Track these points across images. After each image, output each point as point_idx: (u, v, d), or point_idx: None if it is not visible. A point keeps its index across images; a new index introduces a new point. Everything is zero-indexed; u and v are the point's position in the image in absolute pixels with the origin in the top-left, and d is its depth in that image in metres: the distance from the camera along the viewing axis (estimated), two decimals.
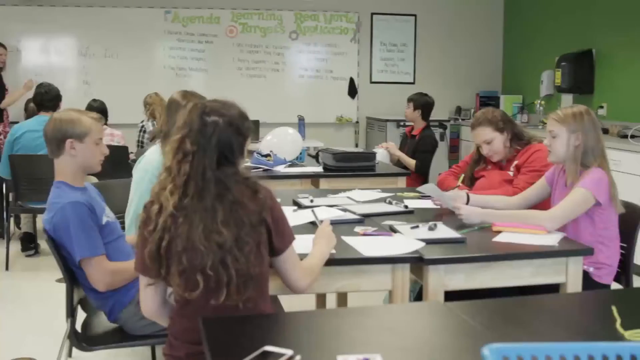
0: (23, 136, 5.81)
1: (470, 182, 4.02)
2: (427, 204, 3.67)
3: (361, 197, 3.81)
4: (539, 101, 8.05)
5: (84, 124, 2.86)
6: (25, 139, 5.80)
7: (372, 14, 9.14)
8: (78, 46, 8.57)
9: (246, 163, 2.32)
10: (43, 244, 6.18)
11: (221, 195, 2.12)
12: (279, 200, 2.30)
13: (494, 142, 3.83)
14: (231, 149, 2.17)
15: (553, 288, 2.87)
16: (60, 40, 8.57)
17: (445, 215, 3.37)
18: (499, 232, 3.01)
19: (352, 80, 9.12)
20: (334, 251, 2.61)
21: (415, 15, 9.23)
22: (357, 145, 9.10)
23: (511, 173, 3.84)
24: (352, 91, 9.13)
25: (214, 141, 2.14)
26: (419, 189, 3.95)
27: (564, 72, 7.25)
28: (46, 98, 5.98)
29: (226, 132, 2.16)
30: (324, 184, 4.89)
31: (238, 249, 2.10)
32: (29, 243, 6.14)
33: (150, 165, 3.46)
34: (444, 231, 2.97)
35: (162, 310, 2.33)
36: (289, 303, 2.37)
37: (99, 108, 6.46)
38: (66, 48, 8.58)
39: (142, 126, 6.71)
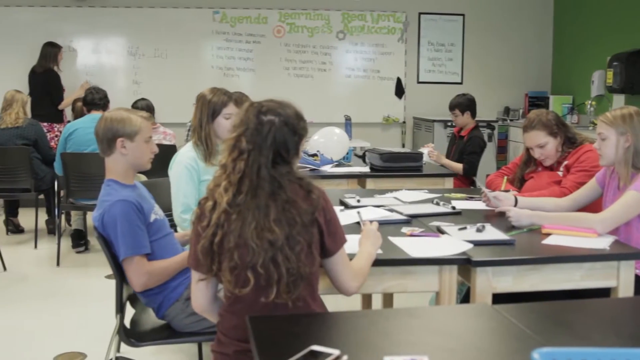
0: (75, 133, 5.94)
1: (520, 183, 3.96)
2: (475, 205, 3.63)
3: (408, 197, 3.79)
4: (589, 102, 7.91)
5: (134, 123, 2.90)
6: (77, 136, 5.93)
7: (420, 13, 9.08)
8: (128, 46, 8.70)
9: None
10: (93, 241, 6.31)
11: (275, 193, 2.13)
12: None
13: (547, 147, 3.76)
14: (286, 148, 2.18)
15: (603, 292, 2.81)
16: (110, 40, 8.70)
17: (493, 217, 3.33)
18: (549, 234, 2.97)
19: (399, 80, 9.08)
20: (380, 251, 2.60)
21: (463, 15, 9.15)
22: (403, 146, 9.06)
23: (560, 173, 3.77)
24: (399, 91, 9.09)
25: (270, 140, 2.15)
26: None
27: (616, 72, 7.10)
28: (97, 97, 6.15)
29: (282, 131, 2.17)
30: (370, 184, 4.88)
31: (289, 248, 2.11)
32: (79, 240, 6.26)
33: (184, 158, 3.51)
34: (492, 233, 2.94)
35: (213, 306, 2.35)
36: (335, 303, 2.37)
37: (145, 107, 6.57)
38: (116, 48, 8.72)
39: (191, 125, 6.77)
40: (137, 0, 8.61)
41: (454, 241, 2.81)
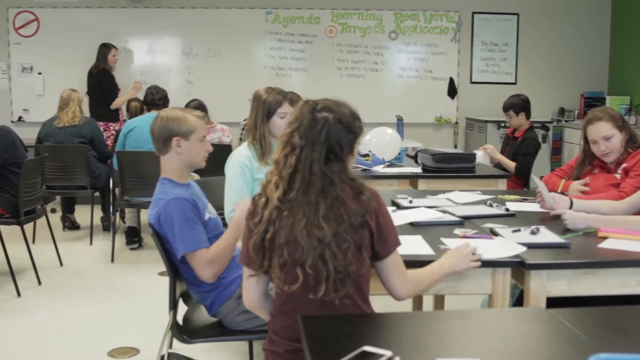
0: (134, 131, 6.06)
1: None
2: (529, 207, 3.58)
3: (461, 198, 3.76)
4: None
5: (189, 122, 2.94)
6: (135, 133, 6.05)
7: (473, 13, 9.01)
8: (182, 46, 8.82)
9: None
10: (146, 238, 6.40)
11: (325, 190, 2.13)
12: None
13: (613, 139, 3.68)
14: (340, 145, 2.18)
15: None
16: (165, 40, 8.84)
17: (548, 219, 3.28)
18: (605, 238, 2.91)
19: (451, 80, 9.01)
20: (432, 252, 2.57)
21: (517, 14, 9.03)
22: (456, 147, 8.99)
23: (618, 176, 3.69)
24: (452, 91, 9.02)
25: (323, 136, 2.15)
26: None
27: None
28: (157, 97, 6.26)
29: (335, 128, 2.17)
30: (422, 184, 4.85)
31: (336, 245, 2.10)
32: (133, 237, 6.36)
33: (239, 157, 3.54)
34: (546, 236, 2.90)
35: (264, 303, 2.36)
36: (385, 304, 2.36)
37: (198, 107, 6.64)
38: (171, 48, 8.85)
39: (245, 124, 6.82)
40: (192, 1, 8.72)
41: (507, 243, 2.77)
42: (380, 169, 4.99)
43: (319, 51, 8.85)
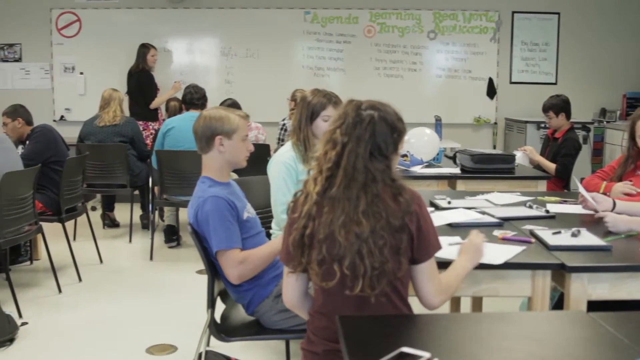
0: (172, 130, 6.10)
1: None
2: (569, 209, 3.53)
3: (500, 200, 3.72)
4: None
5: (232, 122, 2.97)
6: (174, 133, 6.09)
7: (513, 12, 8.91)
8: (221, 46, 8.88)
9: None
10: (184, 236, 6.46)
11: (367, 185, 2.13)
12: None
13: None
14: (385, 142, 2.17)
15: None
16: (204, 40, 8.91)
17: (589, 222, 3.23)
18: None
19: (491, 81, 8.93)
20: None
21: (558, 14, 8.92)
22: (495, 147, 8.91)
23: None
24: (491, 91, 8.94)
25: (368, 133, 2.15)
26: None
27: None
28: (195, 97, 6.29)
29: (381, 126, 2.17)
30: (461, 185, 4.82)
31: (373, 242, 2.10)
32: (171, 235, 6.42)
33: (283, 158, 3.54)
34: (587, 238, 2.85)
35: (303, 302, 2.37)
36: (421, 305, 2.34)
37: (231, 105, 6.69)
38: (210, 48, 8.91)
39: (284, 124, 6.85)
40: (231, 1, 8.77)
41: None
42: (418, 170, 4.97)
43: (357, 51, 8.83)
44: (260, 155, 5.62)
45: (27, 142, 5.52)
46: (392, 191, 2.16)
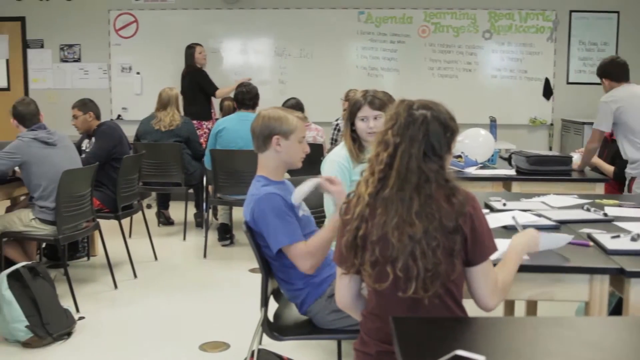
0: (224, 131, 6.14)
1: None
2: (629, 212, 3.44)
3: (556, 202, 3.65)
4: None
5: (290, 122, 2.99)
6: (225, 134, 6.13)
7: (571, 11, 8.77)
8: (275, 46, 8.94)
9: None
10: (237, 235, 6.51)
11: (420, 186, 2.11)
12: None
13: None
14: (438, 142, 2.15)
15: None
16: (258, 41, 8.98)
17: None
18: None
19: (547, 81, 8.80)
20: (527, 257, 2.51)
21: (617, 12, 8.73)
22: (551, 149, 8.77)
23: None
24: (547, 92, 8.81)
25: (422, 133, 2.14)
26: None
27: None
28: (247, 97, 6.29)
29: (434, 125, 2.15)
30: (516, 187, 4.75)
31: (426, 243, 2.08)
32: (225, 234, 6.47)
33: (337, 157, 3.54)
34: None
35: (356, 303, 2.36)
36: (475, 307, 2.31)
37: (294, 104, 6.71)
38: (264, 48, 8.98)
39: (337, 124, 6.85)
40: (285, 2, 8.81)
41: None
42: (472, 171, 4.91)
43: (411, 51, 8.79)
44: (313, 155, 5.60)
45: (94, 136, 5.64)
46: (446, 192, 2.14)
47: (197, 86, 7.99)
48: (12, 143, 4.65)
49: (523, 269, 2.44)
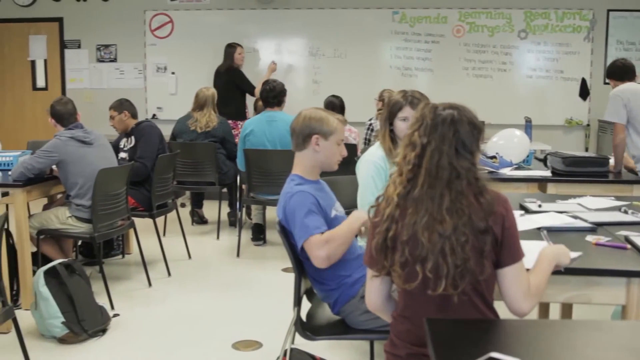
0: (251, 134, 6.15)
1: None
2: None
3: (593, 204, 3.61)
4: None
5: (331, 124, 3.02)
6: (253, 136, 6.14)
7: (609, 10, 8.63)
8: (309, 46, 8.94)
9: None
10: (270, 234, 6.53)
11: (451, 182, 2.12)
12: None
13: None
14: (469, 139, 2.16)
15: None
16: (292, 41, 8.99)
17: None
18: None
19: (584, 81, 8.68)
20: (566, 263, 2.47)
21: None
22: (587, 150, 8.65)
23: None
24: (584, 92, 8.69)
25: (452, 131, 2.15)
26: None
27: None
28: (270, 95, 6.25)
29: (462, 123, 2.16)
30: (551, 188, 4.70)
31: (455, 239, 2.08)
32: (259, 234, 6.50)
33: (373, 157, 3.53)
34: None
35: (387, 304, 2.37)
36: (508, 312, 2.29)
37: (339, 105, 6.73)
38: (297, 48, 8.99)
39: (371, 124, 6.84)
40: (319, 2, 8.82)
41: None
42: (507, 172, 4.87)
43: (445, 51, 8.74)
44: (347, 156, 5.61)
45: (132, 136, 5.70)
46: (475, 190, 2.14)
47: (233, 85, 8.04)
48: (50, 142, 4.72)
49: (559, 271, 2.42)
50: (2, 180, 4.63)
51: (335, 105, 6.77)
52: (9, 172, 4.74)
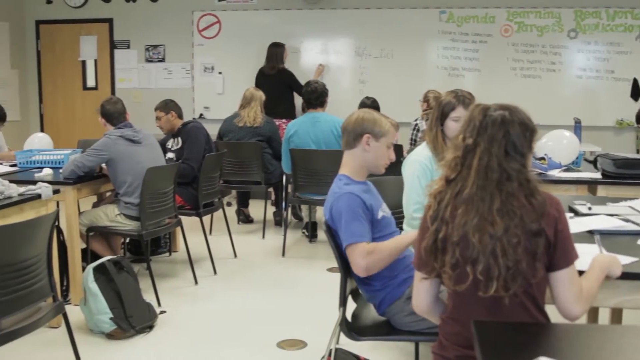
0: (294, 136, 6.16)
1: None
2: None
3: None
4: None
5: (383, 126, 3.03)
6: (297, 137, 6.15)
7: None
8: (355, 46, 8.94)
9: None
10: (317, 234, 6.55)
11: (501, 184, 2.10)
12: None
13: None
14: (519, 141, 2.13)
15: None
16: (338, 40, 8.99)
17: None
18: None
19: (635, 81, 8.50)
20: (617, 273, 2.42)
21: None
22: (638, 152, 8.48)
23: None
24: (636, 93, 8.51)
25: (502, 132, 2.13)
26: None
27: None
28: (313, 97, 6.26)
29: (514, 124, 2.13)
30: (601, 191, 4.61)
31: (507, 241, 2.06)
32: (313, 230, 6.52)
33: (419, 157, 3.51)
34: None
35: (434, 307, 2.35)
36: (556, 313, 2.25)
37: (371, 106, 6.70)
38: (344, 48, 8.99)
39: (416, 124, 6.81)
40: (365, 2, 8.80)
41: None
42: (556, 174, 4.80)
43: (493, 51, 8.65)
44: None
45: (179, 137, 5.76)
46: (526, 192, 2.12)
47: (284, 85, 8.11)
48: (100, 140, 4.80)
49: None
50: (54, 177, 4.72)
51: (367, 106, 6.73)
52: (60, 170, 4.83)
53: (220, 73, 9.24)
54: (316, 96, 6.27)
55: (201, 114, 9.24)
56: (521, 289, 2.09)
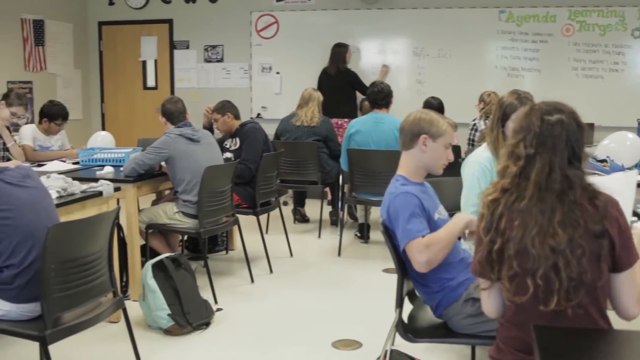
0: (356, 134, 6.15)
1: None
2: None
3: None
4: None
5: (441, 126, 3.00)
6: (359, 136, 6.15)
7: None
8: (413, 46, 8.89)
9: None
10: (372, 235, 6.52)
11: (563, 193, 2.06)
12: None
13: None
14: (577, 144, 2.10)
15: None
16: (396, 40, 8.96)
17: None
18: None
19: None
20: None
21: None
22: None
23: None
24: None
25: (564, 141, 2.08)
26: None
27: None
28: (379, 97, 6.25)
29: (572, 127, 2.09)
30: None
31: (570, 252, 2.01)
32: (363, 231, 6.51)
33: (479, 158, 3.47)
34: None
35: (502, 311, 2.31)
36: (614, 319, 2.19)
37: (437, 106, 6.67)
38: (402, 48, 8.95)
39: (474, 125, 6.74)
40: (423, 1, 8.75)
41: None
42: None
43: (554, 51, 8.49)
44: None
45: (237, 137, 5.81)
46: (589, 195, 2.07)
47: (348, 86, 8.14)
48: (160, 139, 4.87)
49: None
50: (115, 175, 4.81)
51: (433, 106, 6.68)
52: (121, 168, 4.92)
53: (277, 73, 9.30)
54: (382, 96, 6.26)
55: (259, 114, 9.31)
56: (585, 295, 2.05)
